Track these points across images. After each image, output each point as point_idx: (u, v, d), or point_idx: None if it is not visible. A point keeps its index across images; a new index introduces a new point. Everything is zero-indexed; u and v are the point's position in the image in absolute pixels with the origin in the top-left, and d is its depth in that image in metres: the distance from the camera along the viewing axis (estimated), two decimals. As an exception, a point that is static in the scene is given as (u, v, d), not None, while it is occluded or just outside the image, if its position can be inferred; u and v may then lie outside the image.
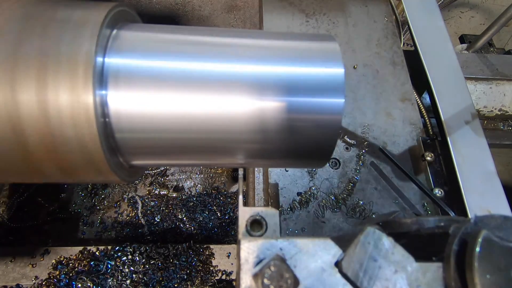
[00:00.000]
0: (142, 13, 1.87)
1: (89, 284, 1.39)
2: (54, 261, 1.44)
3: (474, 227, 0.42)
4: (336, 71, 0.55)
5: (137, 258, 1.47)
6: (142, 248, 1.50)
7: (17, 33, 0.47)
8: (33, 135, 0.47)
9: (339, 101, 0.54)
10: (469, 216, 0.99)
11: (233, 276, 1.50)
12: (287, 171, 1.11)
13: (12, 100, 0.46)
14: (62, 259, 1.45)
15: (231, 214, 1.80)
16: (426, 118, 1.29)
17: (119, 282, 1.41)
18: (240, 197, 0.58)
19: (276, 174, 1.10)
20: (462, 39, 2.01)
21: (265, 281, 0.40)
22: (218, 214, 1.80)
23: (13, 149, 0.48)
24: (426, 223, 0.46)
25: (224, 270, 1.51)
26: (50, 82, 0.46)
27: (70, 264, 1.44)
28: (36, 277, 1.40)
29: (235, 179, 1.94)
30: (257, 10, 1.90)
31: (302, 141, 0.56)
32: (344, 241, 0.46)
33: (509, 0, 1.69)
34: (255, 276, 0.42)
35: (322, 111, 0.54)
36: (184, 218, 1.76)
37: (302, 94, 0.53)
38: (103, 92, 0.50)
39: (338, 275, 0.44)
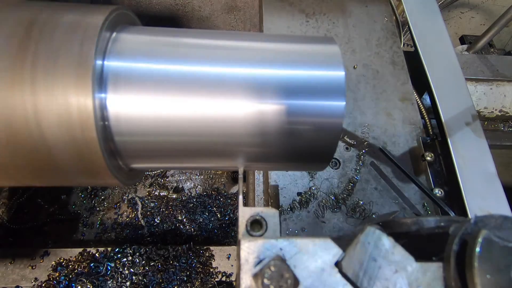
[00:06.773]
0: (142, 14, 1.87)
1: (88, 286, 1.39)
2: (53, 262, 1.44)
3: (474, 227, 0.42)
4: (337, 74, 0.55)
5: (137, 260, 1.46)
6: (142, 250, 1.49)
7: (17, 36, 0.47)
8: (31, 138, 0.47)
9: (340, 104, 0.54)
10: (469, 216, 0.99)
11: (233, 278, 1.50)
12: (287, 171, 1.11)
13: (10, 102, 0.46)
14: (61, 260, 1.45)
15: (231, 215, 1.80)
16: (427, 119, 1.29)
17: (118, 284, 1.41)
18: (240, 197, 0.57)
19: (276, 174, 1.10)
20: (463, 39, 2.01)
21: (265, 281, 0.40)
22: (218, 215, 1.79)
23: (11, 153, 0.48)
24: (426, 223, 0.46)
25: (224, 272, 1.51)
26: (49, 85, 0.46)
27: (70, 266, 1.44)
28: (36, 279, 1.40)
29: (235, 180, 1.94)
30: (257, 11, 1.91)
31: (303, 144, 0.56)
32: (344, 241, 0.46)
33: (509, 1, 1.70)
34: (255, 276, 0.42)
35: (323, 114, 0.54)
36: (184, 220, 1.76)
37: (302, 97, 0.53)
38: (103, 95, 0.50)
39: (338, 275, 0.44)
